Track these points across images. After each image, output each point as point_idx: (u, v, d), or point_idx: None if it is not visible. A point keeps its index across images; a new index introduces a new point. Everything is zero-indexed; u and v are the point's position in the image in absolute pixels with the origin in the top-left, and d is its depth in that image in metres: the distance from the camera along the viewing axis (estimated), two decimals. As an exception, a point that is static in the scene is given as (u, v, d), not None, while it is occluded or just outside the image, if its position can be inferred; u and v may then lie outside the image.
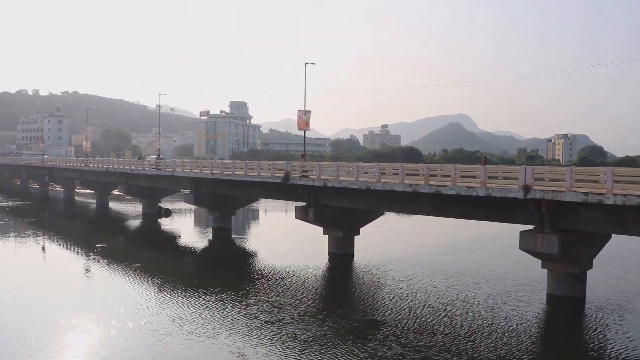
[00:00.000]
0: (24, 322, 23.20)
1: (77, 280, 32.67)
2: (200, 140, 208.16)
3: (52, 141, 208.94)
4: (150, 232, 55.40)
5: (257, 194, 48.48)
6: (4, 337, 21.30)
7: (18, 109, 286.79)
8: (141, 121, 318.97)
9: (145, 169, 58.24)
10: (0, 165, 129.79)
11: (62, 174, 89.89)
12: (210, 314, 24.41)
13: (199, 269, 37.90)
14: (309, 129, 46.37)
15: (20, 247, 45.06)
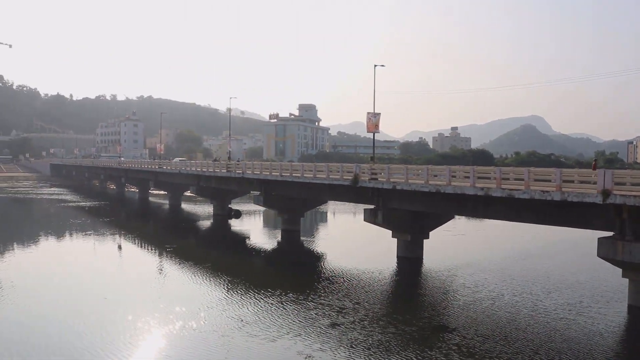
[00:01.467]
0: (94, 318, 24.17)
1: (148, 278, 33.67)
2: (269, 142, 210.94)
3: (128, 144, 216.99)
4: (220, 233, 56.48)
5: (325, 196, 48.63)
6: (71, 333, 22.21)
7: (97, 114, 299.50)
8: (212, 124, 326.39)
9: (216, 171, 59.42)
10: (81, 167, 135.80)
11: (137, 176, 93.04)
12: (274, 315, 24.56)
13: (267, 271, 38.32)
14: (378, 132, 46.12)
15: (98, 246, 46.93)
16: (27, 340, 21.17)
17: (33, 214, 77.12)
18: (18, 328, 22.80)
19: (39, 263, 39.16)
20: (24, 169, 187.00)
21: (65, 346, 20.60)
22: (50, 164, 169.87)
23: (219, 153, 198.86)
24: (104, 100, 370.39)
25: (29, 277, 33.71)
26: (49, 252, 44.55)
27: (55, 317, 24.62)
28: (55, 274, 35.07)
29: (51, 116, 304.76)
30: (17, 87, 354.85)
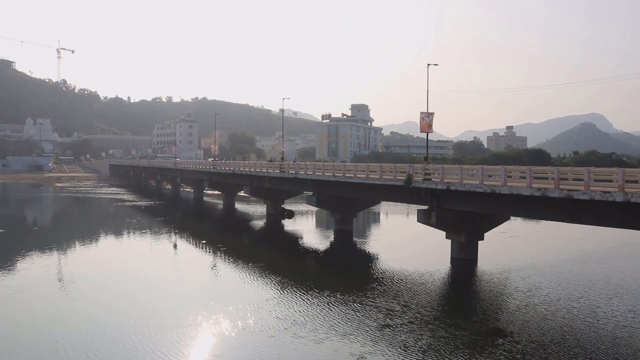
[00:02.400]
0: (148, 314, 24.91)
1: (201, 277, 34.35)
2: (322, 143, 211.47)
3: (183, 145, 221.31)
4: (273, 233, 56.95)
5: (378, 197, 48.45)
6: (126, 328, 22.80)
7: (154, 116, 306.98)
8: (265, 125, 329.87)
9: (270, 171, 59.95)
10: (138, 168, 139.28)
11: (192, 176, 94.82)
12: (324, 316, 24.56)
13: (319, 271, 38.40)
14: (432, 132, 45.64)
15: (154, 244, 48.13)
16: (91, 329, 21.90)
17: (93, 212, 79.57)
18: (83, 319, 23.77)
19: (100, 259, 40.51)
20: (84, 169, 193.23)
21: (119, 339, 21.20)
22: (109, 165, 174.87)
23: (272, 153, 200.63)
24: (160, 102, 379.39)
25: (92, 272, 35.01)
26: (109, 250, 46.00)
27: (113, 310, 25.37)
28: (114, 270, 36.17)
29: (110, 118, 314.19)
30: (79, 91, 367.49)
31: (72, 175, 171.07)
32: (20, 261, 38.87)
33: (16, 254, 41.37)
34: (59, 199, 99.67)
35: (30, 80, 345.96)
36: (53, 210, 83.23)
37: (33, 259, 39.54)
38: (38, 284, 31.09)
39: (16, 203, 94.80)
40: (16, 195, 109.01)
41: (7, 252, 42.15)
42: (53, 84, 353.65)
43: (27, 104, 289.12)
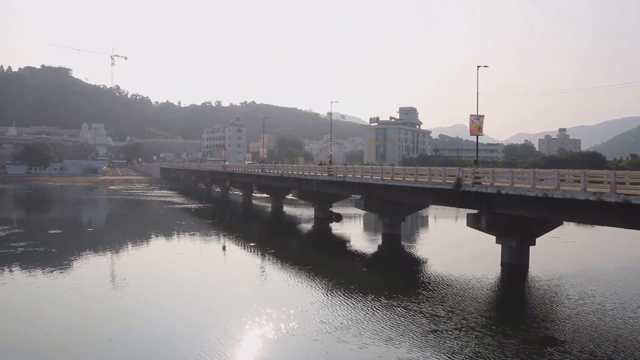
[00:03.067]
0: (194, 315, 25.21)
1: (249, 279, 34.57)
2: (370, 146, 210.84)
3: (232, 148, 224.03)
4: (321, 236, 57.01)
5: (427, 201, 47.94)
6: (174, 327, 23.12)
7: (203, 120, 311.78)
8: (313, 128, 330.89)
9: (318, 175, 60.04)
10: (188, 171, 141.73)
11: (240, 179, 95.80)
12: (368, 320, 24.30)
13: (366, 275, 38.17)
14: (482, 134, 44.89)
15: (203, 246, 48.82)
16: (141, 328, 22.34)
17: (144, 215, 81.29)
18: (134, 317, 24.34)
19: (151, 260, 41.50)
20: (137, 172, 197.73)
21: (166, 338, 21.57)
22: (160, 168, 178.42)
23: (320, 157, 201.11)
24: (209, 106, 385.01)
25: (143, 272, 35.94)
26: (159, 251, 46.99)
27: (163, 309, 25.87)
28: (164, 270, 36.86)
29: (161, 123, 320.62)
30: (132, 96, 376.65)
31: (125, 178, 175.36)
32: (75, 261, 40.06)
33: (71, 254, 42.66)
34: (112, 201, 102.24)
35: (86, 86, 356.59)
36: (106, 212, 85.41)
37: (87, 259, 40.68)
38: (91, 283, 31.95)
39: (72, 205, 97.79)
40: (72, 197, 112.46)
41: (63, 252, 43.43)
42: (107, 90, 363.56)
43: (83, 109, 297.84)
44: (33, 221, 71.55)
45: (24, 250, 42.37)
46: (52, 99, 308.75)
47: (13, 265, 37.43)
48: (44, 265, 36.85)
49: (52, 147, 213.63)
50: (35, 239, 49.01)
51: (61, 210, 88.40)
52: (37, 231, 56.31)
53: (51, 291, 29.95)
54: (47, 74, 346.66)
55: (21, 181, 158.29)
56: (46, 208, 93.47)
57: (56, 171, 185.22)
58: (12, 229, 56.42)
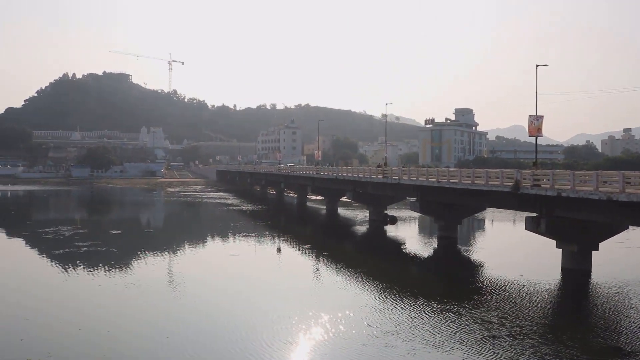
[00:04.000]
0: (247, 314, 25.33)
1: (302, 280, 34.71)
2: (425, 148, 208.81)
3: (287, 151, 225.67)
4: (375, 239, 56.69)
5: (484, 203, 47.02)
6: (227, 326, 23.40)
7: (258, 122, 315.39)
8: (367, 130, 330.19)
9: (373, 177, 59.77)
10: (243, 173, 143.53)
11: (295, 181, 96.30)
12: (419, 326, 23.88)
13: (421, 278, 37.77)
14: (541, 135, 43.68)
15: (258, 247, 49.24)
16: (198, 326, 22.69)
17: (201, 216, 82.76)
18: (191, 315, 24.69)
19: (207, 260, 42.25)
20: (193, 174, 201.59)
21: (219, 336, 21.84)
22: (216, 170, 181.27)
23: (375, 159, 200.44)
24: (264, 109, 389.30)
25: (199, 272, 36.50)
26: (215, 251, 47.83)
27: (218, 308, 26.34)
28: (220, 270, 37.54)
29: (217, 126, 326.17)
30: (188, 100, 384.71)
31: (182, 180, 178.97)
32: (135, 260, 41.19)
33: (131, 254, 43.81)
34: (169, 203, 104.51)
35: (144, 91, 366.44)
36: (164, 214, 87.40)
37: (146, 259, 41.68)
38: (150, 281, 32.74)
39: (132, 206, 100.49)
40: (132, 199, 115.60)
41: (123, 252, 44.62)
42: (165, 95, 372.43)
43: (142, 113, 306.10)
44: (95, 222, 73.85)
45: (87, 250, 43.75)
46: (113, 103, 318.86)
47: (77, 264, 38.77)
48: (106, 264, 37.93)
49: (113, 150, 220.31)
50: (98, 239, 50.53)
51: (121, 212, 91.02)
52: (99, 231, 58.09)
53: (112, 289, 30.79)
54: (109, 80, 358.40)
55: (84, 183, 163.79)
56: (107, 209, 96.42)
57: (117, 173, 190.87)
58: (76, 229, 58.34)
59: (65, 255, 41.87)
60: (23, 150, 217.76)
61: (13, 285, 32.26)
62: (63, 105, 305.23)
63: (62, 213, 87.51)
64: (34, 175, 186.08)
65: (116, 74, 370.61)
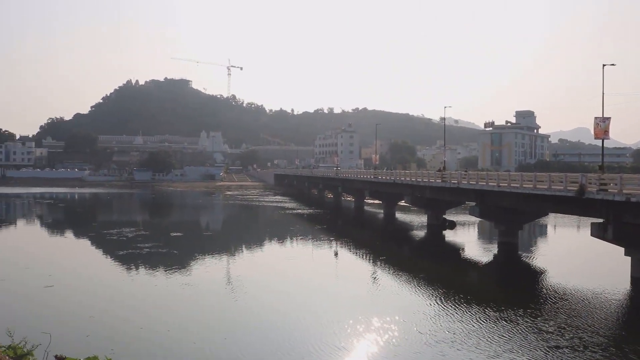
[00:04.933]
0: (301, 317, 25.47)
1: (358, 284, 34.42)
2: (484, 151, 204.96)
3: (344, 154, 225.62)
4: (434, 243, 55.93)
5: (546, 208, 45.69)
6: (283, 328, 23.49)
7: (315, 126, 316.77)
8: (425, 134, 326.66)
9: (431, 181, 59.06)
10: (300, 177, 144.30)
11: (353, 185, 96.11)
12: (475, 334, 23.25)
13: (479, 284, 36.97)
14: (608, 138, 42.16)
15: (315, 250, 49.36)
16: (254, 327, 22.88)
17: (259, 219, 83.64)
18: (248, 317, 24.97)
19: (264, 262, 42.52)
20: (252, 178, 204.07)
21: (275, 338, 21.90)
22: (274, 174, 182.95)
23: (433, 163, 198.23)
24: (321, 113, 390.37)
25: (257, 274, 36.79)
26: (272, 254, 48.20)
27: (274, 310, 26.43)
28: (277, 272, 37.69)
29: (275, 130, 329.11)
30: (247, 105, 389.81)
31: (240, 184, 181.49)
32: (195, 262, 41.99)
33: (191, 256, 44.66)
34: (228, 206, 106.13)
35: (204, 96, 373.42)
36: (223, 217, 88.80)
37: (205, 261, 42.43)
38: (209, 283, 33.23)
39: (192, 209, 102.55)
40: (192, 202, 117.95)
41: (183, 254, 45.49)
42: (224, 100, 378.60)
43: (202, 118, 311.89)
44: (157, 224, 75.63)
45: (148, 251, 44.82)
46: (174, 109, 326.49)
47: (139, 265, 39.76)
48: (166, 266, 38.75)
49: (174, 154, 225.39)
50: (159, 240, 51.69)
51: (182, 214, 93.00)
52: (160, 234, 59.42)
53: (172, 290, 31.40)
54: (170, 86, 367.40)
55: (146, 186, 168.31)
56: (168, 212, 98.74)
57: (177, 177, 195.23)
58: (139, 230, 59.90)
59: (128, 256, 42.99)
60: (89, 155, 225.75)
61: (80, 285, 33.30)
62: (126, 111, 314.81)
63: (125, 215, 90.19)
64: (99, 178, 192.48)
65: (177, 80, 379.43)
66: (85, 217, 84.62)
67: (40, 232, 66.42)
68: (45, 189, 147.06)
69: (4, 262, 41.24)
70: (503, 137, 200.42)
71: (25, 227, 70.47)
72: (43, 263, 40.74)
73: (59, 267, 38.85)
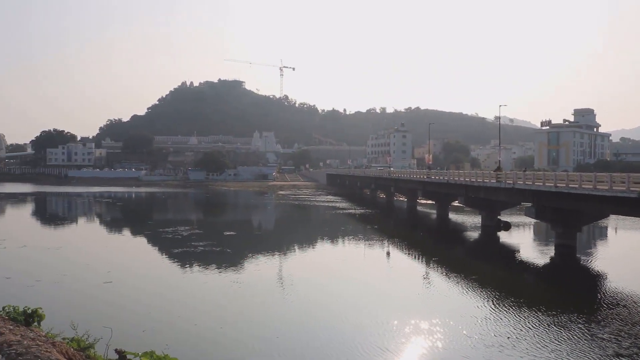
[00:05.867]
0: (353, 316, 25.21)
1: (410, 285, 34.29)
2: (541, 151, 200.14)
3: (397, 154, 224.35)
4: (488, 245, 54.94)
5: (606, 210, 44.23)
6: (334, 327, 23.42)
7: (368, 126, 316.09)
8: (479, 133, 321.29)
9: (485, 181, 58.04)
10: (353, 177, 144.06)
11: (405, 185, 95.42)
12: (527, 339, 22.60)
13: (536, 287, 36.09)
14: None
15: (367, 250, 49.16)
16: (306, 326, 22.96)
17: (310, 219, 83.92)
18: (300, 316, 25.30)
19: (316, 261, 42.76)
20: (304, 178, 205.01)
21: (326, 337, 21.89)
22: (326, 174, 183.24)
23: (487, 163, 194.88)
24: (374, 113, 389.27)
25: (308, 273, 37.11)
26: (324, 253, 48.26)
27: (327, 309, 26.57)
28: (329, 272, 37.80)
29: (327, 130, 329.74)
30: (299, 105, 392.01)
31: (293, 183, 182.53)
32: (247, 261, 42.42)
33: (243, 254, 45.23)
34: (280, 206, 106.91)
35: (257, 97, 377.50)
36: (275, 216, 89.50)
37: (257, 260, 42.78)
38: (262, 281, 33.60)
39: (245, 209, 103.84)
40: (245, 201, 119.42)
41: (236, 252, 46.13)
42: (276, 100, 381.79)
43: (255, 118, 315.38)
44: (210, 223, 76.91)
45: (202, 250, 45.57)
46: (228, 109, 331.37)
47: (193, 263, 40.49)
48: (220, 264, 39.37)
49: (227, 154, 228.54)
50: (213, 239, 52.51)
51: (235, 214, 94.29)
52: (214, 232, 60.36)
53: (225, 288, 31.85)
54: (223, 87, 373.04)
55: (200, 186, 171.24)
56: (222, 211, 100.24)
57: (230, 177, 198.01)
58: (193, 229, 60.99)
59: (183, 254, 43.82)
60: (145, 155, 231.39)
61: (137, 282, 34.14)
62: (181, 112, 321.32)
63: (180, 214, 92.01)
64: (154, 178, 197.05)
65: (230, 81, 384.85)
66: (142, 216, 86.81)
67: (99, 230, 68.42)
68: (104, 188, 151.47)
69: (66, 258, 42.64)
70: (561, 136, 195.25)
71: (85, 225, 72.70)
72: (102, 260, 41.93)
73: (117, 264, 39.90)
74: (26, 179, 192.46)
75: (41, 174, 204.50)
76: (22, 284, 31.18)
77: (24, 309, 11.46)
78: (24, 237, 53.12)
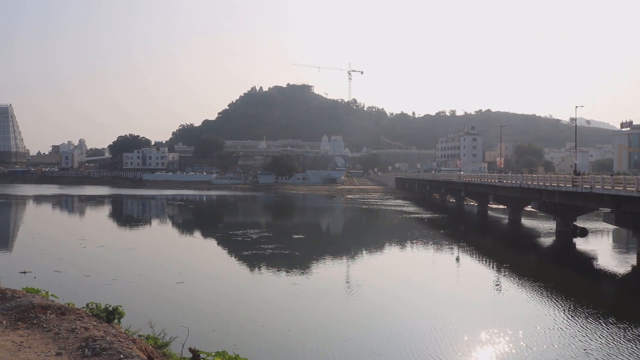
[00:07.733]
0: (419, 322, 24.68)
1: (479, 292, 33.45)
2: (621, 154, 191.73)
3: (467, 158, 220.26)
4: (563, 252, 53.03)
5: (693, 216, 41.91)
6: (401, 332, 23.03)
7: (437, 129, 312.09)
8: (553, 135, 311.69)
9: (560, 185, 56.12)
10: (422, 181, 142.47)
11: (476, 189, 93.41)
12: (614, 349, 21.63)
13: (616, 297, 34.43)
14: None
15: (436, 256, 48.46)
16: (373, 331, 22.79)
17: (379, 223, 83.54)
18: (367, 320, 25.05)
19: (384, 266, 42.51)
20: (372, 182, 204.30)
21: (393, 342, 21.59)
22: (395, 178, 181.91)
23: (562, 166, 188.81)
24: (443, 116, 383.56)
25: (376, 277, 36.87)
26: (392, 257, 47.95)
27: (394, 314, 26.25)
28: (397, 276, 37.58)
29: (396, 133, 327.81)
30: (367, 109, 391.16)
31: (361, 187, 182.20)
32: (315, 264, 42.60)
33: (312, 258, 45.35)
34: (348, 209, 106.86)
35: (325, 101, 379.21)
36: (344, 220, 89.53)
37: (326, 263, 43.03)
38: (329, 285, 33.68)
39: (313, 212, 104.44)
40: (313, 205, 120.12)
41: (305, 256, 46.32)
42: (345, 104, 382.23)
43: (323, 122, 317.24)
44: (279, 226, 77.70)
45: (272, 252, 46.05)
46: (296, 114, 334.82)
47: (262, 265, 41.04)
48: (288, 267, 39.69)
49: (296, 158, 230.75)
50: (281, 242, 52.95)
51: (303, 217, 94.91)
52: (283, 235, 60.88)
53: (293, 291, 32.06)
54: (292, 91, 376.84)
55: (269, 189, 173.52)
56: (290, 214, 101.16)
57: (299, 180, 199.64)
58: (263, 232, 61.77)
59: (252, 257, 44.42)
60: (216, 159, 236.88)
61: (207, 282, 34.84)
62: (251, 117, 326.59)
63: (249, 217, 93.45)
64: (225, 181, 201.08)
65: (299, 86, 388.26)
66: (213, 218, 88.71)
67: (171, 232, 70.40)
68: (176, 191, 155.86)
69: (140, 259, 44.05)
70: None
71: (158, 227, 74.94)
72: (174, 261, 43.05)
73: (189, 265, 40.83)
74: (104, 182, 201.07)
75: (118, 177, 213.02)
76: (101, 283, 32.35)
77: (105, 306, 11.89)
78: (102, 238, 55.30)
